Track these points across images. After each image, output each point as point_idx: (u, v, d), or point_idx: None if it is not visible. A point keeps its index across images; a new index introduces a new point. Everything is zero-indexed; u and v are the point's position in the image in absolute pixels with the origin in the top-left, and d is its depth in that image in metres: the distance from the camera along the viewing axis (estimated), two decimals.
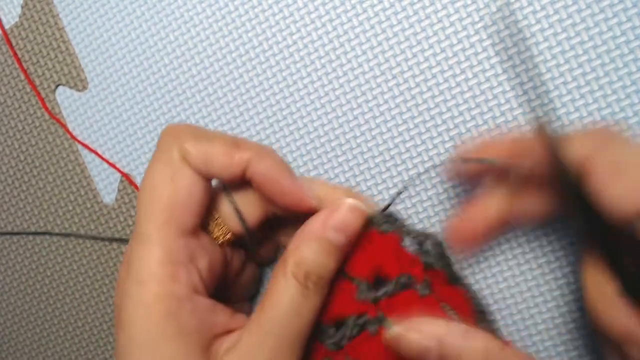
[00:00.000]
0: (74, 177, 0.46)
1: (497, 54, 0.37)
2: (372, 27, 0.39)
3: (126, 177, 0.44)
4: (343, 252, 0.29)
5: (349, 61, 0.39)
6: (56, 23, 0.44)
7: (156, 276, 0.27)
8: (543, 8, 0.36)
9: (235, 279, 0.35)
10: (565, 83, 0.36)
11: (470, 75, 0.38)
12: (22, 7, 0.45)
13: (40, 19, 0.45)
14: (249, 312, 0.36)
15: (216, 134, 0.30)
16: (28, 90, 0.46)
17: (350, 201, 0.29)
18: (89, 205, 0.46)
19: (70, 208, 0.46)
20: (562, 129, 0.30)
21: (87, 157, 0.45)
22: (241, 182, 0.31)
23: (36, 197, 0.47)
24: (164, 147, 0.29)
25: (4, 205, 0.48)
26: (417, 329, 0.25)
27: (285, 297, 0.27)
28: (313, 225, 0.28)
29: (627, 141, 0.26)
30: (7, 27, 0.46)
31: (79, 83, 0.45)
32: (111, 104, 0.44)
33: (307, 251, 0.27)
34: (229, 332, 0.29)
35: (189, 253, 0.28)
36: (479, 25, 0.37)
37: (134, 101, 0.43)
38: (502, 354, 0.24)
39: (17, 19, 0.45)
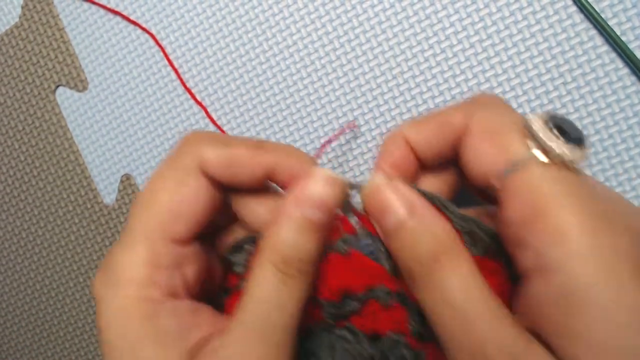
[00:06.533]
0: (74, 177, 0.46)
1: (496, 54, 0.37)
2: (372, 27, 0.39)
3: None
4: (324, 230, 0.26)
5: (349, 61, 0.39)
6: (56, 23, 0.44)
7: (134, 279, 0.25)
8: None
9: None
10: (565, 83, 0.36)
11: (470, 76, 0.38)
12: (22, 7, 0.45)
13: (40, 19, 0.45)
14: None
15: (237, 138, 0.28)
16: (28, 90, 0.46)
17: (323, 172, 0.26)
18: (89, 206, 0.46)
19: (71, 208, 0.46)
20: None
21: (87, 157, 0.45)
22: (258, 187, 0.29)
23: (36, 197, 0.47)
24: (178, 152, 0.27)
25: (4, 205, 0.48)
26: (397, 191, 0.25)
27: (266, 289, 0.24)
28: (287, 205, 0.25)
29: (500, 105, 0.26)
30: (7, 27, 0.46)
31: (79, 83, 0.45)
32: (111, 104, 0.44)
33: (284, 235, 0.25)
34: (218, 332, 0.26)
35: (175, 259, 0.26)
36: (479, 25, 0.37)
37: (134, 101, 0.43)
38: (455, 248, 0.24)
39: (17, 19, 0.45)
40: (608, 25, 0.35)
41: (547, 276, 0.21)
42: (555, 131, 0.22)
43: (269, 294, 0.24)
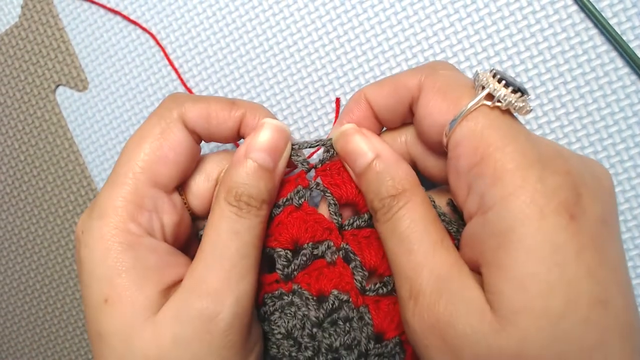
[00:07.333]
0: (74, 177, 0.46)
1: (496, 54, 0.37)
2: (372, 27, 0.39)
3: None
4: (273, 173, 0.29)
5: (349, 61, 0.39)
6: (56, 23, 0.44)
7: (117, 211, 0.27)
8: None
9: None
10: (565, 83, 0.37)
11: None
12: (22, 7, 0.45)
13: (40, 19, 0.45)
14: None
15: (213, 96, 0.32)
16: (28, 90, 0.46)
17: (269, 121, 0.29)
18: (89, 205, 0.46)
19: (71, 208, 0.46)
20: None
21: (87, 157, 0.45)
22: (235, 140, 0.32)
23: (36, 197, 0.47)
24: (163, 107, 0.30)
25: (4, 205, 0.48)
26: (366, 137, 0.28)
27: (221, 220, 0.27)
28: (238, 151, 0.29)
29: (452, 69, 0.28)
30: (7, 27, 0.46)
31: (79, 83, 0.45)
32: (111, 104, 0.44)
33: (235, 175, 0.28)
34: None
35: (155, 204, 0.28)
36: (479, 25, 0.37)
37: (134, 101, 0.43)
38: (412, 189, 0.26)
39: (17, 19, 0.45)
40: (609, 23, 0.35)
41: (485, 214, 0.23)
42: (502, 82, 0.24)
43: (223, 224, 0.27)
